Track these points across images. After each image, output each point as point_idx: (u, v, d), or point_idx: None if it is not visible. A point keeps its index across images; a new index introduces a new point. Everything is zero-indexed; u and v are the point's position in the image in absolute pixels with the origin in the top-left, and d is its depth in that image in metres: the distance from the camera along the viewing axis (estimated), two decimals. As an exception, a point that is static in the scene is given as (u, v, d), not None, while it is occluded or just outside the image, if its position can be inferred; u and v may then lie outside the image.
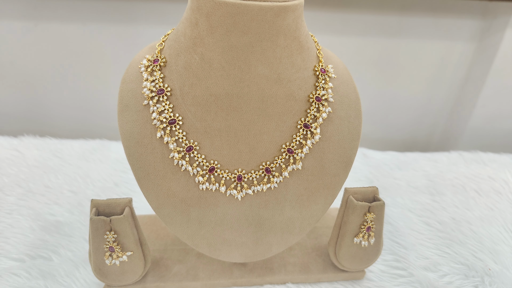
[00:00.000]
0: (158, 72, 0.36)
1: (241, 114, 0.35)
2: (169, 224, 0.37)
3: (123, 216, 0.37)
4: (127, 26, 0.77)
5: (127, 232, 0.38)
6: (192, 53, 0.34)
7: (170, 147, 0.35)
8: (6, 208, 0.58)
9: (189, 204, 0.36)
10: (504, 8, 0.74)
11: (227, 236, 0.38)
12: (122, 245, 0.39)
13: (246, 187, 0.36)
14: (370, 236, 0.43)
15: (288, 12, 0.31)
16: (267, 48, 0.32)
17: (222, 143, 0.35)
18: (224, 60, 0.33)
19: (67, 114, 0.88)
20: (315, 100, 0.37)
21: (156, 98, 0.35)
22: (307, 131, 0.36)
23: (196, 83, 0.34)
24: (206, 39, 0.32)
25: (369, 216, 0.41)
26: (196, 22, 0.33)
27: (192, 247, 0.39)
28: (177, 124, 0.35)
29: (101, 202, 0.38)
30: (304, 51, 0.36)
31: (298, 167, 0.36)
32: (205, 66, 0.33)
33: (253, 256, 0.40)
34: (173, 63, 0.36)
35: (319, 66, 0.37)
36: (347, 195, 0.42)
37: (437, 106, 0.90)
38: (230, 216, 0.37)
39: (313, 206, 0.38)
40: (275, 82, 0.34)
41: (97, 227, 0.37)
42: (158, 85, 0.35)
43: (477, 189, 0.68)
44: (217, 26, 0.31)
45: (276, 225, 0.38)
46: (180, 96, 0.35)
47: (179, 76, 0.35)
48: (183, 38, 0.35)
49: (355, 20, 0.78)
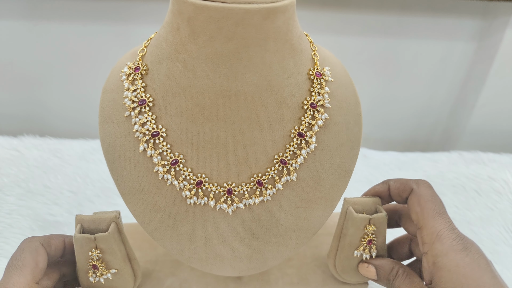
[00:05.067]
0: (139, 81, 0.34)
1: (229, 125, 0.32)
2: (157, 240, 0.35)
3: (108, 233, 0.35)
4: (127, 26, 0.77)
5: (113, 249, 0.36)
6: (174, 61, 0.32)
7: (154, 161, 0.33)
8: (5, 208, 0.58)
9: (177, 219, 0.35)
10: (504, 8, 0.74)
11: (219, 251, 0.36)
12: (107, 262, 0.37)
13: (237, 200, 0.34)
14: (371, 249, 0.40)
15: (277, 14, 0.29)
16: (255, 54, 0.30)
17: (210, 155, 0.33)
18: (209, 68, 0.30)
19: (67, 114, 0.88)
20: (309, 106, 0.34)
21: (138, 109, 0.33)
22: (301, 140, 0.34)
23: (179, 93, 0.32)
24: (189, 46, 0.30)
25: (370, 228, 0.38)
26: (178, 27, 0.30)
27: (183, 261, 0.37)
28: (160, 136, 0.33)
29: (86, 218, 0.36)
30: (297, 54, 0.33)
31: (292, 178, 0.34)
32: (188, 74, 0.31)
33: (247, 270, 0.38)
34: (155, 71, 0.33)
35: (314, 69, 0.35)
36: (346, 206, 0.39)
37: (437, 106, 0.90)
38: (221, 231, 0.35)
39: (310, 219, 0.36)
40: (265, 90, 0.32)
41: (81, 245, 0.35)
42: (140, 95, 0.33)
43: (477, 189, 0.68)
44: (199, 32, 0.29)
45: (271, 239, 0.36)
46: (163, 106, 0.33)
47: (161, 85, 0.33)
48: (165, 44, 0.32)
49: (355, 20, 0.77)
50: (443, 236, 0.33)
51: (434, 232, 0.33)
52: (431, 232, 0.33)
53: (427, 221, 0.34)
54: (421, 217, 0.34)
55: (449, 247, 0.32)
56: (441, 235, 0.33)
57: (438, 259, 0.32)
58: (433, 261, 0.32)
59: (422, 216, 0.34)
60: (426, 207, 0.35)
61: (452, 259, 0.32)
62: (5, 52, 0.79)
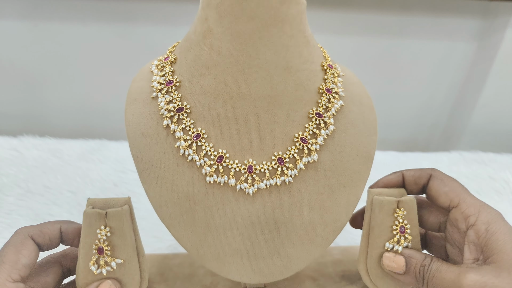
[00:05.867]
0: (168, 67, 0.36)
1: (250, 101, 0.33)
2: (172, 227, 0.34)
3: (121, 208, 0.33)
4: (127, 26, 0.77)
5: (123, 230, 0.34)
6: (201, 45, 0.34)
7: (177, 135, 0.34)
8: (5, 208, 0.58)
9: (195, 201, 0.34)
10: (504, 8, 0.74)
11: (238, 245, 0.34)
12: (115, 247, 0.34)
13: (258, 180, 0.33)
14: (406, 239, 0.36)
15: (292, 2, 0.32)
16: (274, 34, 0.32)
17: (231, 132, 0.34)
18: (233, 46, 0.32)
19: (67, 114, 0.88)
20: (325, 91, 0.36)
21: (165, 90, 0.35)
22: (320, 120, 0.35)
23: (205, 73, 0.34)
24: (215, 29, 0.32)
25: (400, 212, 0.36)
26: (206, 17, 0.33)
27: (198, 260, 0.35)
28: (184, 113, 0.34)
29: (98, 201, 0.35)
30: (310, 46, 0.35)
31: (314, 158, 0.34)
32: (214, 55, 0.33)
33: (270, 274, 0.35)
34: (183, 58, 0.35)
35: (326, 61, 0.37)
36: (371, 196, 0.37)
37: (437, 106, 0.90)
38: (241, 218, 0.34)
39: (335, 208, 0.35)
40: (284, 70, 0.33)
41: (90, 223, 0.33)
42: (168, 78, 0.35)
43: (478, 189, 0.68)
44: (225, 15, 0.31)
45: (294, 231, 0.34)
46: (189, 86, 0.34)
47: (188, 68, 0.35)
48: (193, 35, 0.35)
49: (355, 20, 0.77)
50: (486, 205, 0.33)
51: (477, 203, 0.33)
52: (473, 204, 0.33)
53: (463, 195, 0.34)
54: (455, 195, 0.34)
55: (497, 215, 0.32)
56: (484, 204, 0.33)
57: (491, 225, 0.31)
58: (485, 228, 0.32)
59: (455, 193, 0.34)
60: (455, 185, 0.35)
61: (505, 223, 0.32)
62: (5, 52, 0.79)
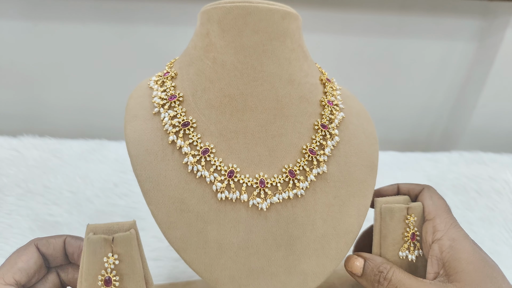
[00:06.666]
0: (169, 82, 0.35)
1: (257, 114, 0.33)
2: (183, 251, 0.32)
3: (130, 232, 0.29)
4: (127, 26, 0.77)
5: (132, 257, 0.29)
6: (204, 60, 0.34)
7: (184, 151, 0.32)
8: (5, 208, 0.58)
9: (206, 220, 0.32)
10: (504, 8, 0.74)
11: (253, 265, 0.32)
12: (123, 276, 0.29)
13: (271, 194, 0.32)
14: (416, 246, 0.37)
15: (291, 18, 0.33)
16: (277, 47, 0.33)
17: (240, 145, 0.33)
18: (237, 60, 0.33)
19: (67, 114, 0.88)
20: (327, 103, 0.37)
21: (167, 105, 0.34)
22: (326, 131, 0.35)
23: (209, 87, 0.33)
24: (218, 43, 0.33)
25: (410, 219, 0.36)
26: (207, 32, 0.33)
27: (211, 284, 0.32)
28: (190, 127, 0.33)
29: (99, 226, 0.30)
30: (308, 61, 0.37)
31: (323, 169, 0.34)
32: (218, 68, 0.33)
33: None
34: (185, 73, 0.35)
35: (323, 76, 0.39)
36: (379, 206, 0.37)
37: (437, 106, 0.90)
38: (255, 235, 0.32)
39: (347, 219, 0.35)
40: (288, 83, 0.34)
41: (95, 250, 0.28)
42: (170, 92, 0.34)
43: (478, 189, 0.68)
44: (228, 29, 0.32)
45: (309, 245, 0.34)
46: (193, 101, 0.34)
47: (190, 83, 0.34)
48: (194, 50, 0.35)
49: (355, 20, 0.77)
50: (457, 225, 0.35)
51: (449, 221, 0.35)
52: (445, 221, 0.35)
53: (441, 212, 0.36)
54: (434, 209, 0.36)
55: (465, 235, 0.34)
56: (456, 224, 0.35)
57: (456, 242, 0.33)
58: (449, 244, 0.33)
59: (435, 208, 0.36)
60: (439, 202, 0.37)
61: (470, 243, 0.33)
62: (5, 52, 0.79)
